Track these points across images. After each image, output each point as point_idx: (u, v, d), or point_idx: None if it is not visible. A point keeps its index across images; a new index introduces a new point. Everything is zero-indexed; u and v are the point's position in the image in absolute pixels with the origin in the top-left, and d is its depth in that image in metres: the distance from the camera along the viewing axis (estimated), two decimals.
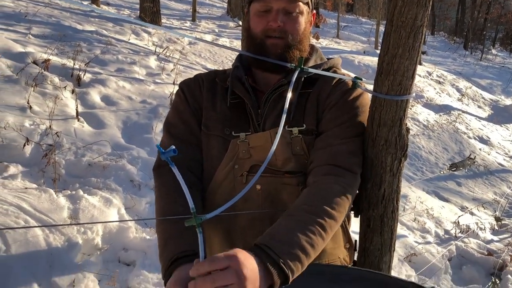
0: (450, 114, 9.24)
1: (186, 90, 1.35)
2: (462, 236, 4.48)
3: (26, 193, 2.82)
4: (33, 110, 3.84)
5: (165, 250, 1.08)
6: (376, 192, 1.38)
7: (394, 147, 1.34)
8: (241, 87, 1.29)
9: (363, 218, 1.44)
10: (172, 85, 5.23)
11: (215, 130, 1.29)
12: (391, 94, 1.30)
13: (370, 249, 1.43)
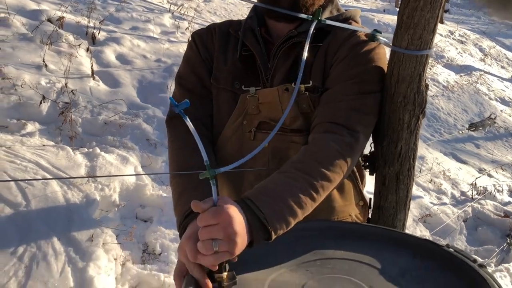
0: (471, 74, 9.01)
1: (198, 41, 1.30)
2: (478, 198, 4.45)
3: (44, 150, 2.86)
4: (48, 68, 3.85)
5: (179, 204, 1.09)
6: (393, 149, 1.35)
7: (412, 103, 1.30)
8: (252, 39, 1.24)
9: (378, 176, 1.42)
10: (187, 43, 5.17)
11: (225, 84, 1.25)
12: (411, 49, 1.25)
13: (384, 206, 1.42)
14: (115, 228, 2.65)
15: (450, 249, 0.95)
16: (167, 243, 2.71)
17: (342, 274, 0.91)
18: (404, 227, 1.45)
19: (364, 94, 1.18)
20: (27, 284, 2.13)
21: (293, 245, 1.03)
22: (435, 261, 0.95)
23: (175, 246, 2.70)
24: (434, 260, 0.95)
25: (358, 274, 0.91)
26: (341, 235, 1.09)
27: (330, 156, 1.05)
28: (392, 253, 1.00)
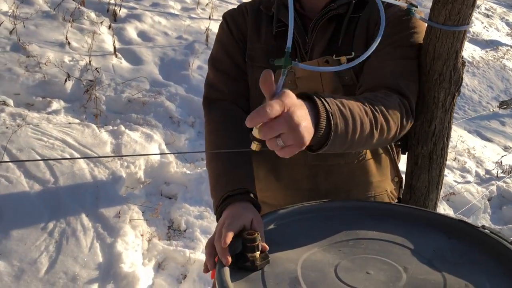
0: (497, 50, 8.76)
1: (230, 21, 1.29)
2: (504, 177, 4.38)
3: (70, 128, 2.90)
4: (71, 46, 3.87)
5: (216, 187, 1.09)
6: (426, 128, 1.33)
7: (448, 81, 1.26)
8: (287, 14, 1.21)
9: (411, 156, 1.39)
10: (208, 20, 5.12)
11: (260, 61, 1.23)
12: (449, 24, 1.21)
13: (417, 186, 1.40)
14: (141, 205, 2.69)
15: (486, 230, 0.94)
16: (191, 219, 2.75)
17: (375, 255, 0.90)
18: (436, 207, 1.44)
19: (409, 60, 1.17)
20: (57, 258, 2.19)
21: (324, 225, 1.03)
22: (470, 242, 0.93)
23: (200, 223, 2.73)
24: (469, 242, 0.93)
25: (391, 254, 0.90)
26: (372, 215, 1.08)
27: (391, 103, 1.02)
28: (425, 234, 0.99)
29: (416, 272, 0.84)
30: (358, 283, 0.80)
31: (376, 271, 0.84)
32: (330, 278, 0.82)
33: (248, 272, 0.85)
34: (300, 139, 0.76)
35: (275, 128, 0.74)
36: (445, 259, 0.87)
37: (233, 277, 0.82)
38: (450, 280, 0.81)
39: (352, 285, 0.80)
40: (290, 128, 0.74)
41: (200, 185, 2.99)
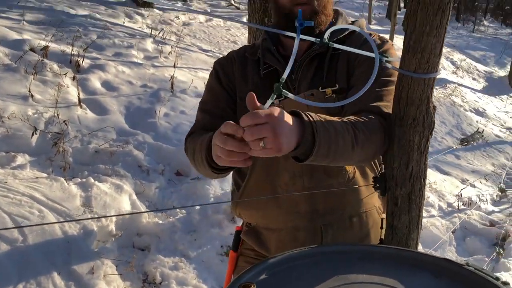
0: (446, 87, 9.26)
1: (219, 69, 1.39)
2: (465, 209, 4.55)
3: (37, 182, 2.82)
4: (35, 98, 3.81)
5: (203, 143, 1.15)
6: (404, 171, 1.38)
7: (422, 125, 1.34)
8: (272, 57, 1.33)
9: (390, 197, 1.44)
10: (172, 68, 5.19)
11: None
12: (419, 72, 1.29)
13: (398, 227, 1.44)
14: (114, 259, 2.61)
15: (470, 268, 0.97)
16: (166, 271, 2.69)
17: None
18: (417, 246, 1.48)
19: (388, 87, 1.30)
20: None
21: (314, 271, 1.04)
22: (456, 280, 0.97)
23: (175, 274, 2.67)
24: (455, 280, 0.97)
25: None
26: (361, 258, 1.11)
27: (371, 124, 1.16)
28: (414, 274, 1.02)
29: None
30: None
31: None
32: None
33: None
34: (280, 145, 0.90)
35: (261, 132, 0.88)
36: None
37: None
38: None
39: None
40: (273, 134, 0.89)
41: (173, 235, 2.94)
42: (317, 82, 1.29)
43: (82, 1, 7.17)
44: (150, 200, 3.24)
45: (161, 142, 3.77)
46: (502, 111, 9.36)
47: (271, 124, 0.89)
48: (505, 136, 7.83)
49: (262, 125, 0.88)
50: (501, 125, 8.40)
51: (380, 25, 14.11)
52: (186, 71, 5.39)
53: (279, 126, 0.90)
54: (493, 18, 24.36)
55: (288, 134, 0.92)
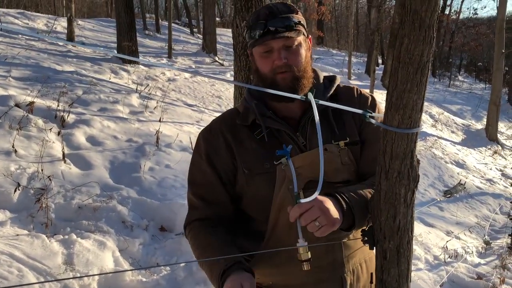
0: (426, 140, 9.47)
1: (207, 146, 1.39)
2: (451, 261, 4.53)
3: (17, 240, 2.74)
4: (18, 153, 3.78)
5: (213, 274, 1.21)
6: (391, 224, 1.40)
7: (407, 178, 1.37)
8: (273, 121, 1.36)
9: (379, 250, 1.45)
10: (157, 122, 5.23)
11: (257, 169, 1.34)
12: (402, 127, 1.34)
13: (388, 280, 1.43)
14: None
15: None
16: None
17: None
18: None
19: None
20: None
21: None
22: None
23: None
24: None
25: None
26: None
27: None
28: None
29: None
30: None
31: None
32: None
33: None
34: (332, 219, 1.11)
35: (312, 214, 1.09)
36: None
37: None
38: None
39: None
40: (322, 212, 1.10)
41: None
42: (328, 136, 1.35)
43: (68, 58, 7.29)
44: (133, 256, 3.16)
45: (145, 197, 3.74)
46: (481, 163, 9.56)
47: (317, 206, 1.10)
48: (486, 187, 7.94)
49: (311, 209, 1.09)
50: (481, 177, 8.54)
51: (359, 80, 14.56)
52: (171, 125, 5.44)
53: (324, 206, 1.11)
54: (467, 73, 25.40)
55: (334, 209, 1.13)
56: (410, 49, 1.31)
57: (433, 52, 1.33)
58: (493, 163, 9.80)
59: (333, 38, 26.42)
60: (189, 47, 13.45)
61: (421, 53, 1.30)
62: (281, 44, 1.31)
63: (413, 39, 1.30)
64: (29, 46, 7.38)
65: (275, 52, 1.31)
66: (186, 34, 16.15)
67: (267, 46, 1.31)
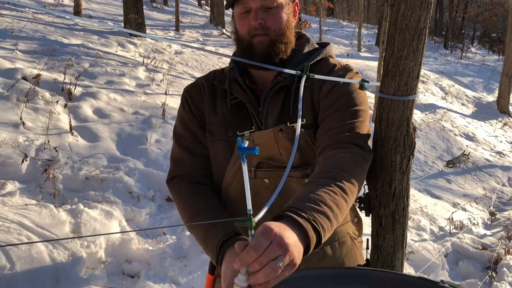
0: (435, 112, 9.39)
1: (189, 99, 1.38)
2: (456, 232, 4.56)
3: (26, 209, 2.81)
4: (26, 126, 3.82)
5: (208, 242, 1.14)
6: (387, 190, 1.41)
7: (403, 145, 1.37)
8: (239, 89, 1.32)
9: (374, 217, 1.46)
10: (164, 95, 5.24)
11: (219, 135, 1.33)
12: (398, 95, 1.34)
13: (383, 246, 1.46)
14: (104, 286, 2.58)
15: (445, 285, 0.99)
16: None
17: None
18: (403, 266, 1.49)
19: (357, 117, 1.27)
20: None
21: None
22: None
23: None
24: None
25: None
26: (343, 281, 1.11)
27: (346, 163, 1.13)
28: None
29: None
30: None
31: None
32: None
33: None
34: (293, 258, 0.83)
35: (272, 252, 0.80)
36: None
37: None
38: None
39: None
40: (284, 250, 0.82)
41: (163, 261, 2.92)
42: (285, 116, 1.28)
43: (75, 31, 7.27)
44: (140, 226, 3.23)
45: (151, 168, 3.78)
46: (491, 136, 9.48)
47: (276, 241, 0.82)
48: (495, 160, 7.90)
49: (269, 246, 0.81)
50: (491, 149, 8.49)
51: (369, 52, 14.37)
52: (177, 98, 5.44)
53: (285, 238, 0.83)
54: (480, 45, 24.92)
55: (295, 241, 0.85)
56: (406, 15, 1.29)
57: (430, 18, 1.31)
58: (503, 136, 9.71)
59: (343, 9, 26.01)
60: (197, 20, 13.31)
61: (417, 19, 1.28)
62: (259, 4, 1.25)
63: (410, 5, 1.28)
64: (36, 19, 7.36)
65: (252, 12, 1.26)
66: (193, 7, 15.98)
67: (244, 5, 1.26)
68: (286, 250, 0.81)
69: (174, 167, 1.37)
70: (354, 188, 1.10)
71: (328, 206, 0.99)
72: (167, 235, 3.20)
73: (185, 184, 1.32)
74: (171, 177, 1.36)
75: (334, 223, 0.99)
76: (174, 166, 1.37)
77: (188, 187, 1.31)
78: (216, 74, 1.41)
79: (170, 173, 1.37)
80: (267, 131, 1.28)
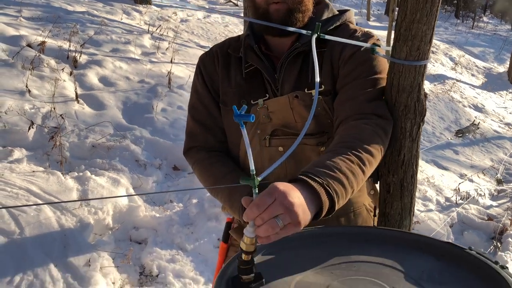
0: (444, 83, 9.26)
1: (203, 69, 1.36)
2: (462, 203, 4.55)
3: (34, 176, 2.82)
4: (32, 93, 3.81)
5: (233, 203, 1.17)
6: (396, 157, 1.39)
7: (413, 112, 1.35)
8: (254, 56, 1.29)
9: (382, 184, 1.45)
10: (169, 63, 5.19)
11: (232, 104, 1.30)
12: (410, 60, 1.30)
13: (390, 214, 1.45)
14: (111, 251, 2.62)
15: (472, 252, 0.97)
16: (163, 264, 2.69)
17: (365, 276, 0.92)
18: None
19: (378, 85, 1.25)
20: None
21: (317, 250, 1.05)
22: (458, 263, 0.97)
23: (172, 266, 2.68)
24: (456, 263, 0.97)
25: (382, 276, 0.93)
26: (363, 240, 1.11)
27: (366, 134, 1.11)
28: (415, 256, 1.02)
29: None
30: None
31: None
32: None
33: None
34: (296, 218, 0.83)
35: (273, 210, 0.81)
36: (432, 279, 0.91)
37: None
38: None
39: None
40: (286, 208, 0.81)
41: (170, 228, 2.95)
42: (302, 83, 1.25)
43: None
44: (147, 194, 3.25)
45: (158, 137, 3.78)
46: (501, 107, 9.36)
47: (279, 201, 0.82)
48: (504, 131, 7.83)
49: (271, 204, 0.81)
50: (500, 121, 8.40)
51: (379, 21, 14.10)
52: (183, 66, 5.39)
53: (288, 197, 0.83)
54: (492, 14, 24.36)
55: (300, 202, 0.85)
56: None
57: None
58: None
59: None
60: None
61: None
62: None
63: None
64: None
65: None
66: None
67: None
68: (288, 209, 0.82)
69: (189, 139, 1.37)
70: (372, 158, 1.08)
71: (343, 173, 0.97)
72: (174, 203, 3.22)
73: (203, 153, 1.33)
74: (188, 148, 1.37)
75: (349, 190, 0.98)
76: (189, 138, 1.37)
77: (206, 156, 1.32)
78: (231, 41, 1.38)
79: (185, 144, 1.38)
80: (282, 97, 1.26)
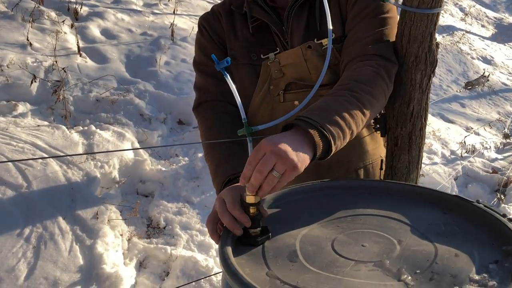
0: (453, 35, 9.04)
1: (207, 26, 1.32)
2: (468, 156, 4.55)
3: (39, 130, 2.82)
4: (33, 46, 3.75)
5: (216, 176, 1.16)
6: (405, 110, 1.36)
7: (424, 63, 1.30)
8: (259, 9, 1.24)
9: (390, 137, 1.43)
10: (172, 15, 5.07)
11: (242, 59, 1.27)
12: (422, 8, 1.24)
13: (397, 167, 1.44)
14: (119, 204, 2.65)
15: (480, 205, 0.97)
16: (170, 216, 2.73)
17: (371, 229, 0.93)
18: None
19: (385, 24, 1.21)
20: (37, 264, 2.14)
21: (323, 203, 1.06)
22: (465, 216, 0.96)
23: (179, 219, 2.72)
24: (463, 215, 0.97)
25: (388, 229, 0.93)
26: (370, 193, 1.11)
27: (368, 76, 1.09)
28: (422, 209, 1.02)
29: (410, 244, 0.87)
30: (352, 255, 0.83)
31: (371, 244, 0.87)
32: (326, 251, 0.86)
33: (249, 247, 0.89)
34: (291, 162, 0.83)
35: (266, 163, 0.82)
36: (438, 231, 0.91)
37: (235, 253, 0.86)
38: (441, 250, 0.84)
39: (347, 256, 0.83)
40: (279, 157, 0.82)
41: (176, 181, 2.97)
42: (312, 32, 1.22)
43: None
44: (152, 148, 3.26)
45: (162, 91, 3.75)
46: (510, 59, 9.18)
47: (269, 151, 0.82)
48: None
49: (263, 158, 0.82)
50: (508, 73, 8.25)
51: None
52: (186, 18, 5.27)
53: (277, 147, 0.82)
54: None
55: (295, 148, 0.84)
56: None
57: None
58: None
59: None
60: None
61: None
62: None
63: None
64: None
65: None
66: None
67: None
68: (280, 156, 0.82)
69: (200, 94, 1.34)
70: (373, 99, 1.06)
71: (339, 114, 0.96)
72: (179, 157, 3.23)
73: (210, 113, 1.30)
74: (198, 104, 1.35)
75: (346, 132, 0.97)
76: (199, 93, 1.34)
77: (212, 117, 1.29)
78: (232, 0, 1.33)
79: (196, 100, 1.35)
80: (294, 49, 1.22)
